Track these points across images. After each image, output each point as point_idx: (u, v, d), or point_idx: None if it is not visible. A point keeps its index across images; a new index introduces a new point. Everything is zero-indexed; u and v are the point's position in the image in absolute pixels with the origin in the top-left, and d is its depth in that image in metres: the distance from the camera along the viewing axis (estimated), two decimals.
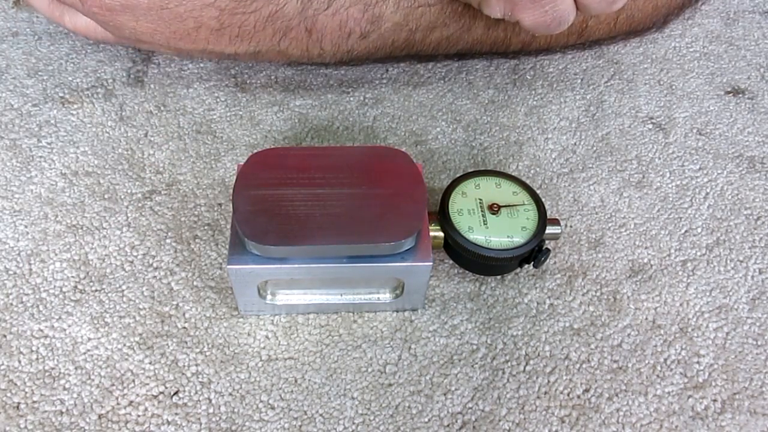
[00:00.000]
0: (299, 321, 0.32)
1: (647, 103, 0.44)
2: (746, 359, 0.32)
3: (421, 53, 0.41)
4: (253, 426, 0.29)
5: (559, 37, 0.44)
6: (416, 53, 0.41)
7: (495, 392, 0.30)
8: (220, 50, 0.37)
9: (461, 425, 0.29)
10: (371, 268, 0.29)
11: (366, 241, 0.28)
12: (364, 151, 0.32)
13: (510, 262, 0.32)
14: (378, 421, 0.29)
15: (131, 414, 0.29)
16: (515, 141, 0.41)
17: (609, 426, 0.30)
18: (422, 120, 0.42)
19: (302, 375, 0.31)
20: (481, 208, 0.32)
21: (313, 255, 0.29)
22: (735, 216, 0.38)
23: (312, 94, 0.43)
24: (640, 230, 0.37)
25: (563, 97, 0.44)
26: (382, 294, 0.32)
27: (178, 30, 0.35)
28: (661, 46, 0.48)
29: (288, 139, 0.40)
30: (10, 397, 0.29)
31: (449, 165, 0.39)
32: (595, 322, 0.33)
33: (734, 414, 0.30)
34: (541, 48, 0.45)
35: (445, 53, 0.42)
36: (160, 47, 0.37)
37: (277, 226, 0.28)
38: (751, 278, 0.35)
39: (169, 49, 0.38)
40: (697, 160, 0.41)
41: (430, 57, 0.44)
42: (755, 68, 0.46)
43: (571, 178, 0.39)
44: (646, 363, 0.32)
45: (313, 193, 0.29)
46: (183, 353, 0.31)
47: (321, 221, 0.28)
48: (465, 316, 0.33)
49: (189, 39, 0.36)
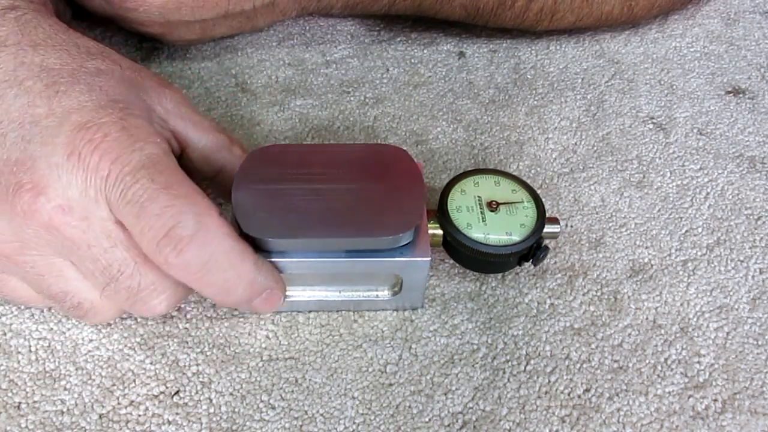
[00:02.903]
0: (300, 321, 0.32)
1: (648, 103, 0.44)
2: (747, 359, 0.32)
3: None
4: (253, 426, 0.29)
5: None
6: None
7: (495, 392, 0.30)
8: (240, 8, 0.37)
9: (462, 425, 0.29)
10: (370, 263, 0.29)
11: (364, 234, 0.28)
12: (364, 148, 0.32)
13: (508, 259, 0.32)
14: (378, 420, 0.29)
15: (132, 414, 0.29)
16: (516, 141, 0.41)
17: (610, 426, 0.30)
18: (423, 120, 0.42)
19: (303, 375, 0.31)
20: (480, 205, 0.32)
21: (312, 249, 0.29)
22: (735, 216, 0.38)
23: (312, 93, 0.43)
24: (640, 230, 0.37)
25: (564, 96, 0.44)
26: (380, 291, 0.32)
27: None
28: (661, 46, 0.48)
29: (288, 139, 0.40)
30: (11, 397, 0.29)
31: (450, 165, 0.39)
32: (596, 322, 0.33)
33: (735, 414, 0.30)
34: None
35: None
36: (177, 30, 0.38)
37: (276, 219, 0.28)
38: (751, 278, 0.35)
39: (188, 31, 0.38)
40: (697, 160, 0.40)
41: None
42: (756, 68, 0.46)
43: (571, 178, 0.39)
44: (646, 363, 0.32)
45: (312, 188, 0.29)
46: (184, 353, 0.31)
47: (320, 215, 0.28)
48: (465, 315, 0.33)
49: (211, 3, 0.36)
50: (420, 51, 0.46)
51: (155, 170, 0.25)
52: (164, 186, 0.25)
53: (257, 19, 0.40)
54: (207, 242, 0.25)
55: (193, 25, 0.38)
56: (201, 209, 0.25)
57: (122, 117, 0.27)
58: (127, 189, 0.25)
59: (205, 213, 0.25)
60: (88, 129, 0.26)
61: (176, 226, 0.25)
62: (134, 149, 0.26)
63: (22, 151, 0.25)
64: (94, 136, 0.25)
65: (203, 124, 0.32)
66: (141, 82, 0.30)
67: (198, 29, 0.39)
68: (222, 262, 0.26)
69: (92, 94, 0.27)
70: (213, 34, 0.40)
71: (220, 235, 0.26)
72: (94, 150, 0.25)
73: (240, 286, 0.27)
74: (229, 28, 0.40)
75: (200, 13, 0.36)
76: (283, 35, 0.46)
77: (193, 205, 0.25)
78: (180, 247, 0.25)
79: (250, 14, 0.39)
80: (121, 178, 0.25)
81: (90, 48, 0.29)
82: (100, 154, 0.25)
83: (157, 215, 0.25)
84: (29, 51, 0.27)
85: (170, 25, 0.37)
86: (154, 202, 0.25)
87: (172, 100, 0.30)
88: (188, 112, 0.31)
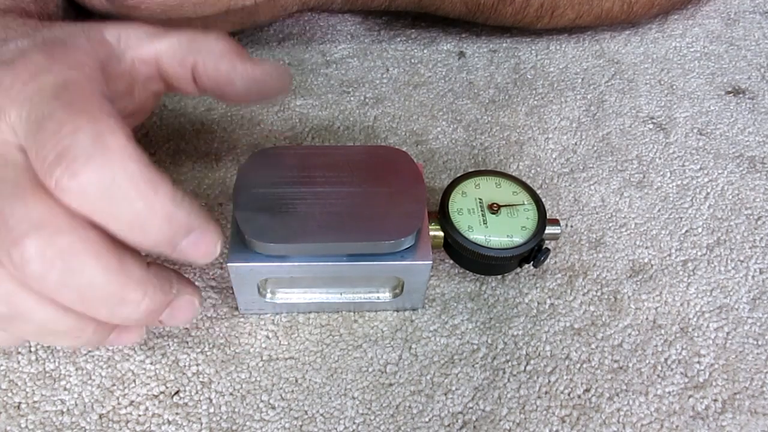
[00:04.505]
0: (300, 321, 0.32)
1: (648, 103, 0.44)
2: (747, 359, 0.32)
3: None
4: (253, 426, 0.29)
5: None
6: None
7: (495, 392, 0.30)
8: (242, 4, 0.37)
9: (462, 425, 0.29)
10: (371, 267, 0.29)
11: (366, 239, 0.28)
12: (365, 150, 0.32)
13: (510, 261, 0.32)
14: (379, 420, 0.29)
15: (132, 414, 0.29)
16: (516, 141, 0.41)
17: (609, 426, 0.30)
18: (423, 120, 0.42)
19: (303, 375, 0.31)
20: (481, 207, 0.32)
21: (313, 253, 0.29)
22: (735, 216, 0.38)
23: (312, 93, 0.43)
24: (640, 230, 0.37)
25: (564, 96, 0.44)
26: (381, 293, 0.32)
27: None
28: (661, 46, 0.48)
29: (288, 139, 0.40)
30: (11, 397, 0.29)
31: (450, 165, 0.39)
32: (596, 322, 0.33)
33: (735, 414, 0.30)
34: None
35: None
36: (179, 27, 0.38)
37: (278, 224, 0.28)
38: (751, 278, 0.35)
39: (189, 28, 0.38)
40: (697, 160, 0.41)
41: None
42: (756, 68, 0.46)
43: (571, 178, 0.39)
44: (646, 363, 0.32)
45: (314, 191, 0.29)
46: (184, 353, 0.31)
47: (321, 219, 0.28)
48: (465, 315, 0.33)
49: (213, 0, 0.36)
50: (420, 51, 0.46)
51: (66, 92, 0.22)
52: (67, 102, 0.22)
53: (258, 15, 0.40)
54: (106, 164, 0.21)
55: (194, 22, 0.38)
56: (103, 127, 0.22)
57: (52, 48, 0.24)
58: (31, 110, 0.22)
59: (107, 131, 0.22)
60: (13, 60, 0.24)
61: (71, 145, 0.21)
62: (51, 71, 0.23)
63: None
64: (15, 59, 0.23)
65: (159, 31, 0.28)
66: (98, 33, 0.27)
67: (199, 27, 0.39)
68: (127, 189, 0.22)
69: (35, 38, 0.25)
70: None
71: (123, 156, 0.22)
72: (9, 70, 0.23)
73: (154, 222, 0.22)
74: (230, 25, 0.40)
75: (202, 10, 0.36)
76: (283, 35, 0.46)
77: (95, 122, 0.22)
78: (73, 169, 0.21)
79: (252, 10, 0.39)
80: (29, 97, 0.22)
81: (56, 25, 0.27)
82: (13, 75, 0.23)
83: (52, 132, 0.21)
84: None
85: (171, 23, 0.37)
86: (51, 120, 0.22)
87: (132, 30, 0.28)
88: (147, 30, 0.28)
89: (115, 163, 0.21)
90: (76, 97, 0.22)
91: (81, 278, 0.22)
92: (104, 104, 0.23)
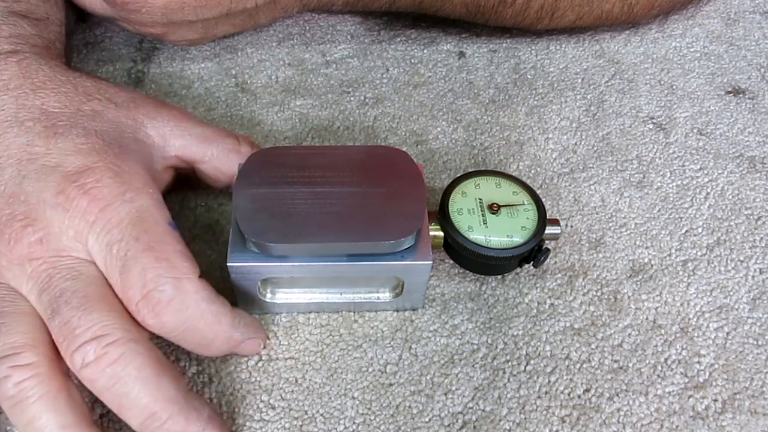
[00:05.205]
0: (300, 321, 0.32)
1: (648, 103, 0.44)
2: (747, 359, 0.32)
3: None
4: (253, 426, 0.29)
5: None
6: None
7: (495, 392, 0.30)
8: (242, 6, 0.37)
9: (462, 425, 0.29)
10: (371, 267, 0.29)
11: (366, 239, 0.28)
12: (365, 150, 0.32)
13: (510, 261, 0.32)
14: (378, 420, 0.29)
15: None
16: (516, 141, 0.41)
17: (609, 426, 0.30)
18: (423, 120, 0.42)
19: (303, 375, 0.31)
20: (481, 207, 0.32)
21: (313, 253, 0.29)
22: (735, 216, 0.38)
23: (312, 93, 0.43)
24: (640, 230, 0.37)
25: (564, 96, 0.44)
26: (381, 293, 0.32)
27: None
28: (661, 46, 0.48)
29: (288, 139, 0.40)
30: None
31: (450, 165, 0.39)
32: (596, 322, 0.33)
33: (735, 414, 0.30)
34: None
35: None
36: (179, 30, 0.38)
37: (278, 224, 0.28)
38: (751, 278, 0.35)
39: (190, 30, 0.38)
40: (697, 160, 0.41)
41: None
42: (756, 68, 0.46)
43: (571, 178, 0.39)
44: (646, 363, 0.32)
45: (314, 191, 0.29)
46: (184, 353, 0.31)
47: (321, 219, 0.28)
48: (465, 315, 0.33)
49: (214, 2, 0.36)
50: (420, 51, 0.46)
51: (141, 228, 0.26)
52: (147, 246, 0.26)
53: (259, 17, 0.40)
54: (183, 307, 0.26)
55: (195, 24, 0.38)
56: (180, 273, 0.26)
57: (116, 163, 0.28)
58: (112, 243, 0.26)
59: (183, 277, 0.26)
60: (81, 173, 0.27)
61: (155, 290, 0.26)
62: (124, 200, 0.27)
63: (17, 185, 0.27)
64: (86, 180, 0.27)
65: (206, 134, 0.32)
66: (136, 116, 0.31)
67: (200, 28, 0.39)
68: (198, 324, 0.27)
69: (89, 138, 0.28)
70: (215, 33, 0.40)
71: (197, 300, 0.26)
72: (84, 194, 0.26)
73: (216, 343, 0.28)
74: (231, 27, 0.40)
75: (203, 13, 0.36)
76: (283, 35, 0.46)
77: (173, 269, 0.26)
78: (157, 311, 0.26)
79: (252, 12, 0.39)
80: (108, 228, 0.26)
81: (87, 88, 0.31)
82: (89, 200, 0.26)
83: (138, 276, 0.26)
84: (30, 94, 0.29)
85: (172, 25, 0.37)
86: (136, 262, 0.26)
87: (169, 121, 0.31)
88: (188, 127, 0.32)
89: (190, 306, 0.26)
90: (152, 235, 0.26)
91: (122, 388, 0.25)
92: (176, 240, 0.27)
